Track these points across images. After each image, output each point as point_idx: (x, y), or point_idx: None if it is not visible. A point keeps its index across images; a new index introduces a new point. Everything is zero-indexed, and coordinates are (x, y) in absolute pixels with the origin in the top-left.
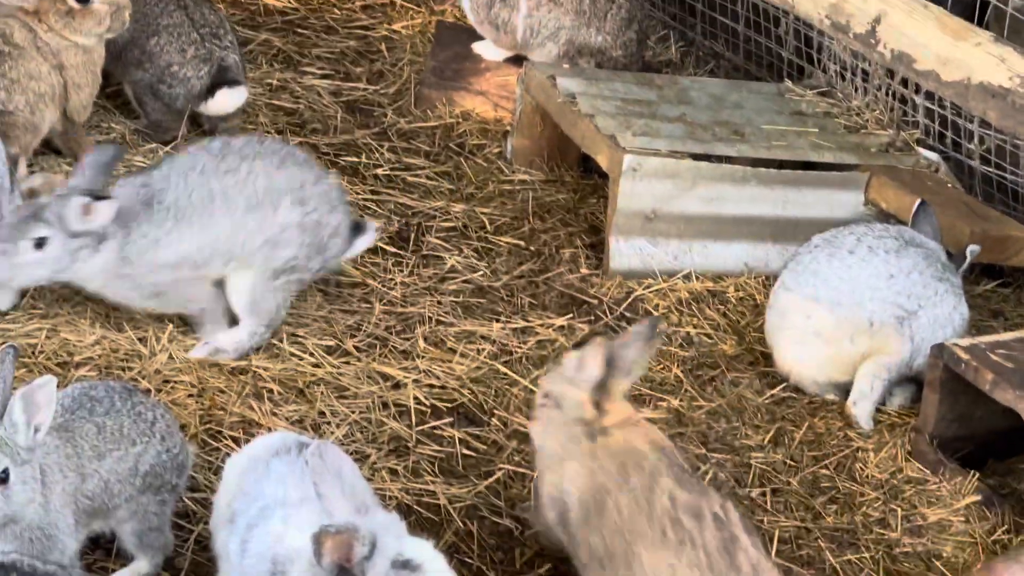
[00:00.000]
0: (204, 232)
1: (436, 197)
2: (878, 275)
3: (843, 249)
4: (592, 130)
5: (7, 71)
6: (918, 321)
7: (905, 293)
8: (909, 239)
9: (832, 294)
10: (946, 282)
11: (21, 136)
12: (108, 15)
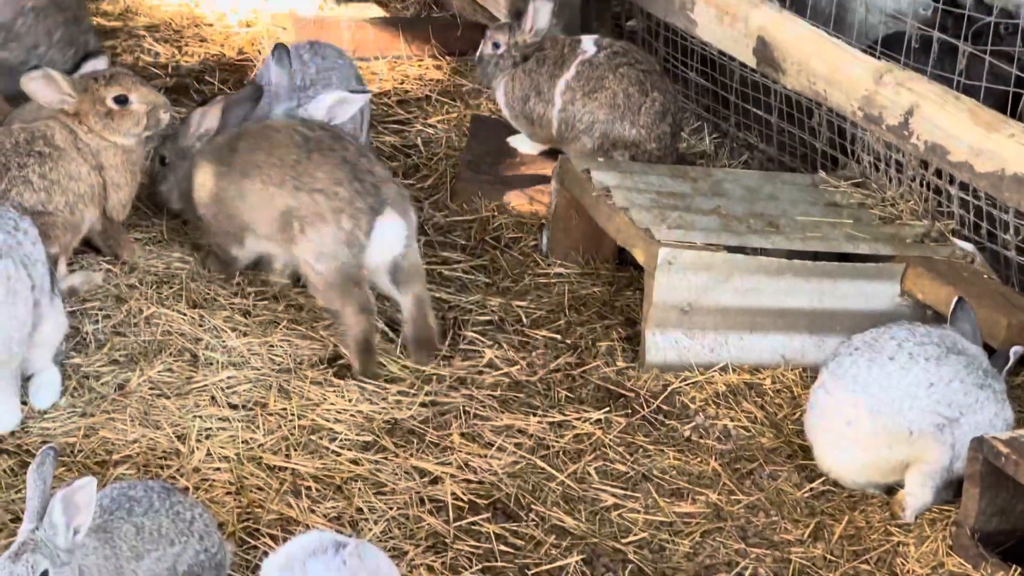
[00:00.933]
0: None
1: (472, 291)
2: (918, 383)
3: (883, 355)
4: (627, 223)
5: (48, 172)
6: (959, 428)
7: (946, 402)
8: (951, 345)
9: (871, 401)
10: (988, 388)
11: (61, 236)
12: (146, 115)
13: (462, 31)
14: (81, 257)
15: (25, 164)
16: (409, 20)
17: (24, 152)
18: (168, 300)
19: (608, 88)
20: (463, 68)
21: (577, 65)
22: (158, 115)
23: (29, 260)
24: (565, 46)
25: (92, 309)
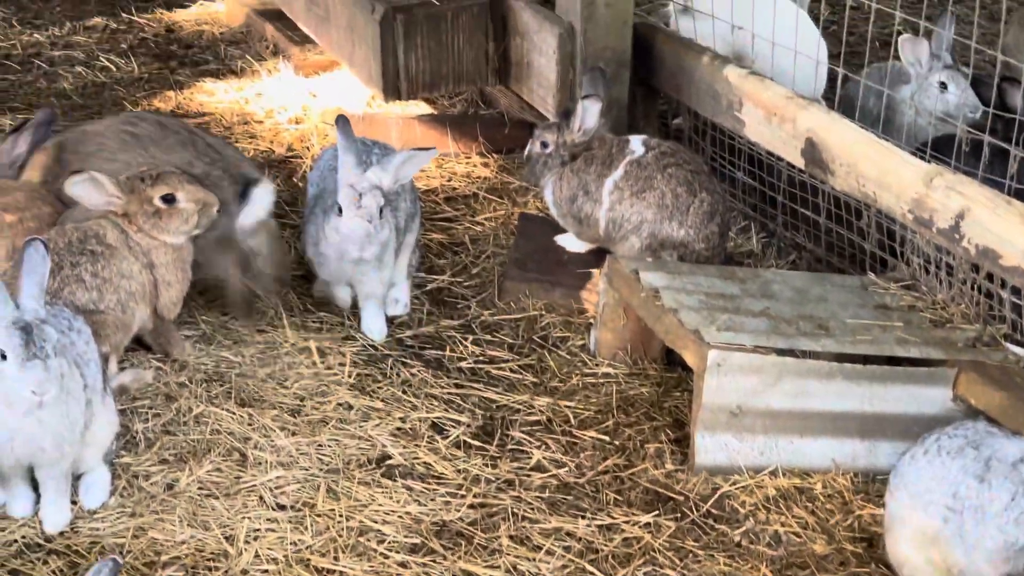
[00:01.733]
0: None
1: (520, 390)
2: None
3: (958, 460)
4: (676, 325)
5: (100, 271)
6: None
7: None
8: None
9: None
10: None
11: (112, 335)
12: (195, 213)
13: (509, 129)
14: (131, 355)
15: (78, 263)
16: (456, 117)
17: (77, 251)
18: (217, 398)
19: (656, 188)
20: (510, 165)
21: (625, 165)
22: (208, 213)
23: (82, 359)
24: (613, 146)
25: (142, 407)
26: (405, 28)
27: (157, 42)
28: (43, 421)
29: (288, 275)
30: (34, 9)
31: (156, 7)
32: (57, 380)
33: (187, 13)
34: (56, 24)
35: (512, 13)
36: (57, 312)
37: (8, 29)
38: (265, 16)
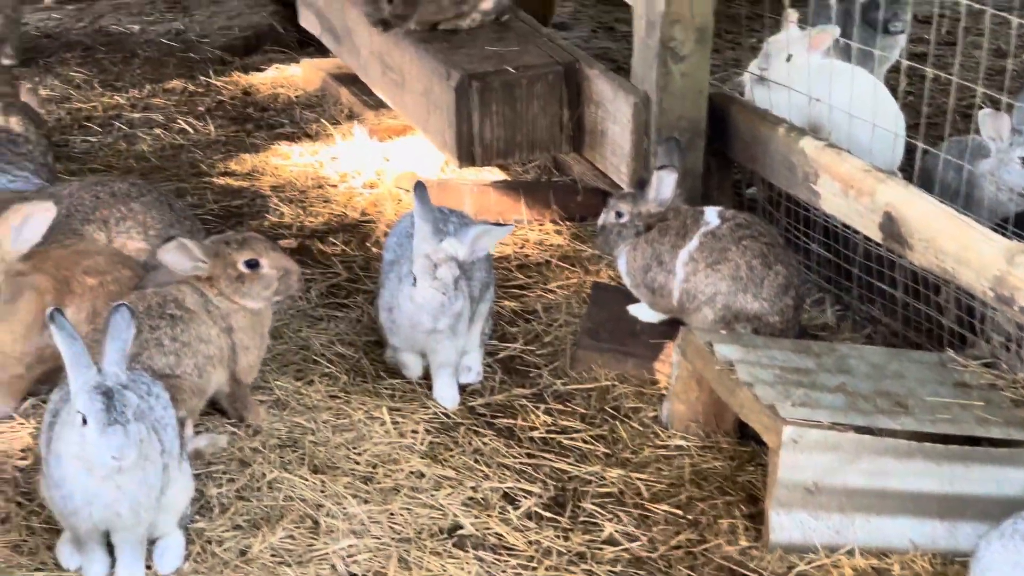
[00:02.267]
0: None
1: (592, 461)
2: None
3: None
4: (751, 399)
5: (178, 335)
6: None
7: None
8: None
9: None
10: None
11: (189, 399)
12: (276, 279)
13: (583, 196)
14: (207, 419)
15: (157, 327)
16: (530, 184)
17: (156, 315)
18: (291, 464)
19: (731, 260)
20: (583, 233)
21: (700, 236)
22: (289, 280)
23: (160, 424)
24: (688, 216)
25: (216, 472)
26: (480, 95)
27: (234, 105)
28: (121, 486)
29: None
30: (115, 71)
31: (233, 70)
32: (136, 446)
33: (263, 76)
34: (136, 86)
35: (587, 81)
36: (136, 377)
37: (90, 91)
38: (340, 80)
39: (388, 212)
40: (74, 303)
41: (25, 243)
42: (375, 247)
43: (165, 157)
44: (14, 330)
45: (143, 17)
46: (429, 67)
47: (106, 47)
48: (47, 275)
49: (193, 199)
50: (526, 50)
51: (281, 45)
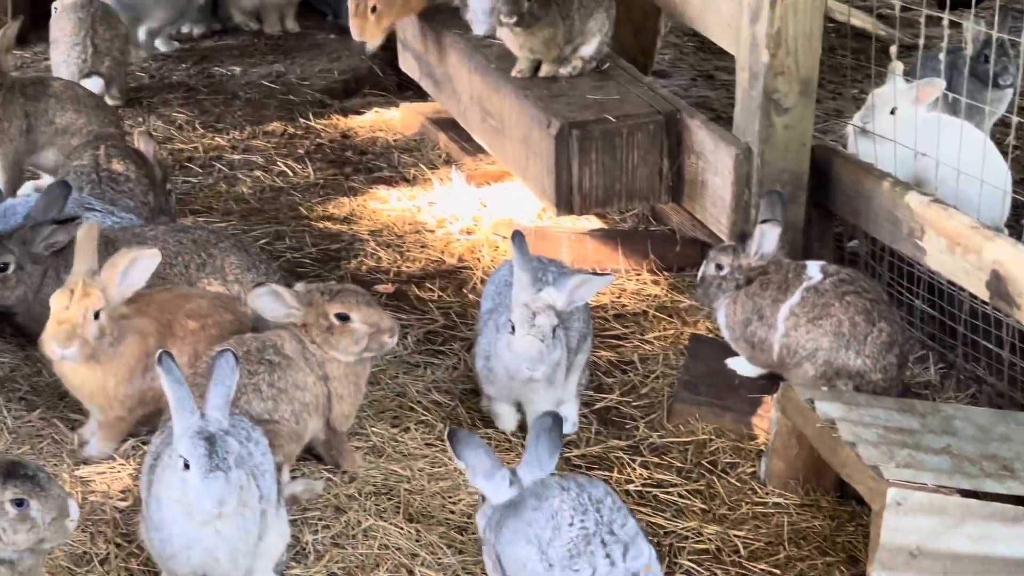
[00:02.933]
0: None
1: (688, 517)
2: None
3: None
4: (853, 459)
5: (276, 381)
6: None
7: None
8: None
9: None
10: None
11: (285, 445)
12: (366, 335)
13: (681, 247)
14: (303, 464)
15: (255, 372)
16: (627, 233)
17: (255, 360)
18: (386, 513)
19: (833, 316)
20: (681, 284)
21: (802, 291)
22: (381, 338)
23: (259, 470)
24: (790, 271)
25: (312, 518)
26: (580, 144)
27: (333, 148)
28: (220, 532)
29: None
30: (216, 112)
31: (333, 113)
32: (236, 492)
33: (362, 120)
34: (237, 128)
35: (688, 132)
36: (237, 422)
37: (191, 132)
38: (439, 125)
39: (485, 259)
40: (176, 346)
41: (130, 287)
42: (472, 294)
43: (264, 199)
44: (118, 372)
45: (245, 59)
46: (529, 114)
47: (208, 89)
48: (150, 318)
49: (291, 242)
50: (626, 99)
51: (380, 89)
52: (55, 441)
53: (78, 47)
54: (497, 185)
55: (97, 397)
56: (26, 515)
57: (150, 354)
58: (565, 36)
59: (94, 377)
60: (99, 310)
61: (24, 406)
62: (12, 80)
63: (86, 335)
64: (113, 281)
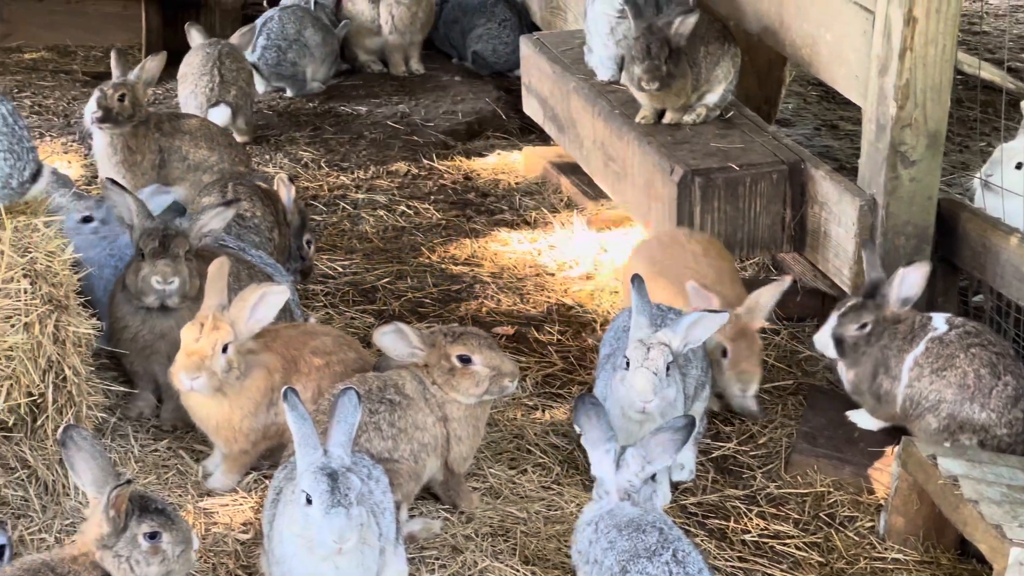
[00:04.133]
0: None
1: (805, 569)
2: None
3: None
4: (976, 517)
5: (396, 420)
6: None
7: None
8: None
9: None
10: None
11: (404, 484)
12: (487, 378)
13: (802, 297)
14: (420, 503)
15: (376, 411)
16: (747, 281)
17: (376, 399)
18: (502, 554)
19: (958, 368)
20: (801, 334)
21: (927, 341)
22: (501, 382)
23: (379, 508)
24: (915, 322)
25: (429, 557)
26: (703, 191)
27: (455, 189)
28: (340, 567)
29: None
30: (342, 151)
31: (456, 154)
32: (357, 529)
33: (485, 162)
34: (361, 167)
35: (812, 182)
36: (358, 460)
37: (317, 170)
38: (561, 169)
39: (605, 304)
40: (301, 382)
41: (258, 323)
42: (591, 338)
43: (387, 238)
44: (243, 406)
45: (370, 100)
46: (652, 160)
47: (334, 128)
48: (276, 354)
49: (413, 281)
50: (750, 147)
51: (503, 131)
52: (180, 472)
53: (205, 77)
54: (618, 230)
55: (223, 430)
56: (158, 547)
57: (275, 389)
58: (692, 84)
59: (220, 410)
60: (228, 343)
61: (151, 436)
62: (148, 115)
63: (214, 367)
64: (242, 316)
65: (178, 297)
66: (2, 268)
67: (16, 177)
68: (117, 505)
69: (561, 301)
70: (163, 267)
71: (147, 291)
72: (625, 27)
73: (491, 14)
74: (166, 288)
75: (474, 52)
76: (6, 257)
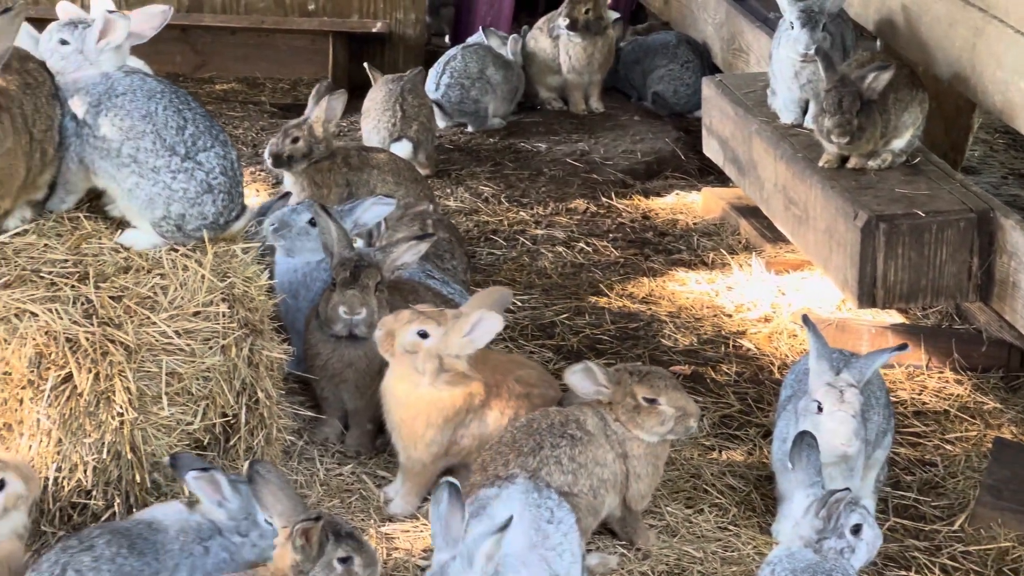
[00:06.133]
0: None
1: None
2: None
3: None
4: None
5: (576, 455)
6: None
7: None
8: None
9: None
10: None
11: (583, 518)
12: (672, 418)
13: (987, 347)
14: (597, 538)
15: (557, 445)
16: (930, 330)
17: (558, 433)
18: None
19: None
20: (986, 385)
21: None
22: (686, 422)
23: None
24: None
25: None
26: (887, 237)
27: (633, 228)
28: None
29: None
30: (521, 187)
31: (634, 193)
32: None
33: (663, 201)
34: (541, 203)
35: (1001, 231)
36: (542, 502)
37: (496, 205)
38: (740, 211)
39: (783, 347)
40: (499, 406)
41: (470, 345)
42: (768, 380)
43: (565, 274)
44: (431, 415)
45: (550, 136)
46: (835, 205)
47: (514, 164)
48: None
49: (590, 318)
50: (937, 194)
51: (682, 172)
52: (363, 497)
53: (388, 112)
54: (796, 274)
55: (405, 427)
56: (351, 571)
57: (471, 411)
58: (880, 131)
59: (406, 405)
60: (427, 332)
61: (336, 460)
62: (335, 148)
63: (397, 333)
64: (460, 329)
65: (365, 327)
66: (203, 292)
67: (224, 216)
68: (309, 537)
69: (738, 342)
70: (351, 297)
71: (335, 320)
72: (810, 71)
73: (673, 55)
74: (352, 318)
75: (655, 92)
76: (206, 281)
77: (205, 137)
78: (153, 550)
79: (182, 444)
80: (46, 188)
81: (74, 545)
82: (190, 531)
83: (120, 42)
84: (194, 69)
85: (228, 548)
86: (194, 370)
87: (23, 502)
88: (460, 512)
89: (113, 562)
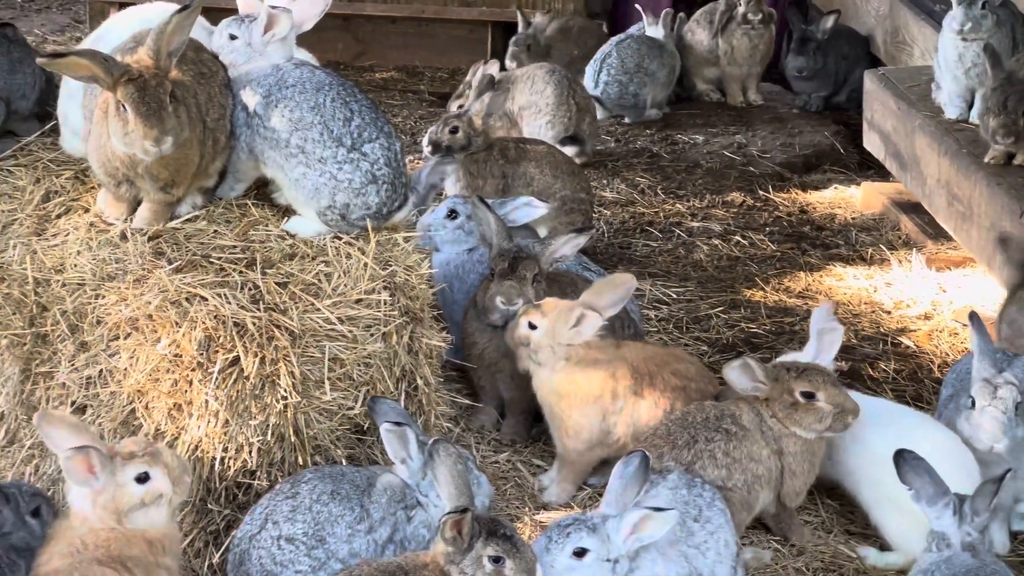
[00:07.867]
0: None
1: None
2: None
3: None
4: None
5: (731, 450)
6: None
7: None
8: None
9: None
10: None
11: (736, 513)
12: (830, 414)
13: None
14: (751, 532)
15: (712, 439)
16: None
17: (712, 428)
18: None
19: None
20: None
21: None
22: (845, 419)
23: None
24: None
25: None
26: None
27: (790, 221)
28: None
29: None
30: (678, 179)
31: (792, 187)
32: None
33: (821, 195)
34: (697, 196)
35: None
36: (694, 498)
37: (653, 197)
38: (901, 207)
39: (943, 345)
40: (653, 397)
41: (576, 336)
42: (927, 379)
43: (721, 267)
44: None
45: (707, 129)
46: (1000, 202)
47: (670, 156)
48: (627, 364)
49: (746, 312)
50: None
51: (841, 166)
52: (517, 485)
53: (563, 107)
54: (958, 271)
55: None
56: (501, 572)
57: (616, 396)
58: None
59: (547, 387)
60: (533, 323)
61: (492, 448)
62: (493, 141)
63: (513, 327)
64: (564, 327)
65: None
66: (365, 279)
67: (387, 206)
68: (458, 528)
69: (897, 339)
70: (508, 288)
71: (492, 310)
72: (973, 54)
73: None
74: (509, 309)
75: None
76: (369, 269)
77: (370, 128)
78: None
79: (343, 428)
80: (217, 176)
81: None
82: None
83: (284, 34)
84: (354, 57)
85: (428, 525)
86: (356, 356)
87: (165, 502)
88: (642, 482)
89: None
